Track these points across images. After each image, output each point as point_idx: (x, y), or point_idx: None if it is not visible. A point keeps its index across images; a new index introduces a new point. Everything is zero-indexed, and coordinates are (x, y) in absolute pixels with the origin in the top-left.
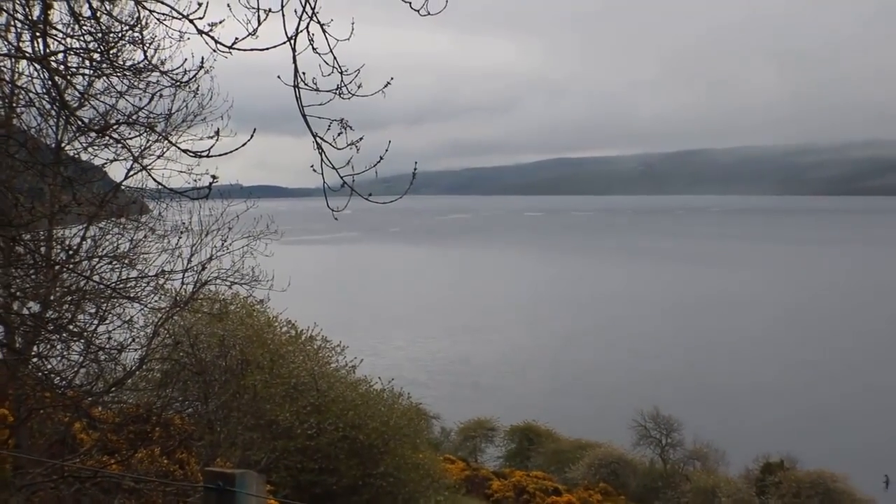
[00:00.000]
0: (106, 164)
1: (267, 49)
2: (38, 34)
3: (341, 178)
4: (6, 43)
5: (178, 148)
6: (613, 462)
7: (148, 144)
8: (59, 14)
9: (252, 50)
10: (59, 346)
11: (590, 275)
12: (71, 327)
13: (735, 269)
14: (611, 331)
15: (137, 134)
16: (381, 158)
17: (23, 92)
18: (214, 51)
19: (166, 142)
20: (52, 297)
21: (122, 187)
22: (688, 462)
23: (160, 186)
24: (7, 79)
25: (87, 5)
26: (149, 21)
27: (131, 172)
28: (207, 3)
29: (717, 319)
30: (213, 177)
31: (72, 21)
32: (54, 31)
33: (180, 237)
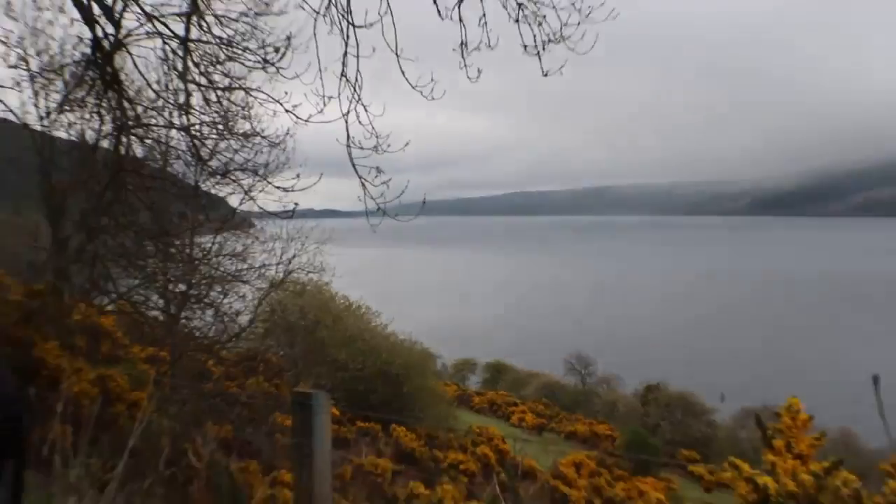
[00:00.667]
0: (227, 196)
1: (329, 122)
2: (183, 112)
3: (377, 204)
4: (163, 118)
5: (273, 185)
6: (551, 385)
7: (253, 183)
8: (196, 99)
9: (320, 122)
10: (198, 312)
11: (538, 265)
12: (205, 300)
13: (627, 261)
14: (550, 301)
15: (247, 177)
16: (403, 192)
17: (173, 150)
18: (296, 123)
19: (265, 182)
20: (193, 281)
21: (237, 211)
22: (598, 385)
23: (261, 210)
24: (163, 141)
25: (214, 94)
26: (253, 104)
27: (243, 201)
28: (291, 92)
29: (617, 292)
30: (296, 204)
31: (205, 104)
32: (193, 111)
33: (274, 242)
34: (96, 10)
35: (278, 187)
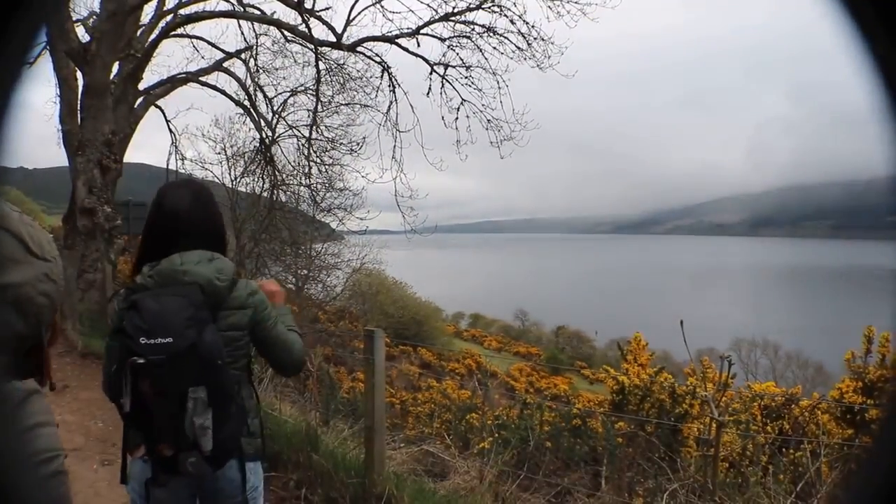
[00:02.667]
0: (330, 221)
1: (385, 182)
2: (306, 177)
3: (412, 228)
4: (296, 180)
5: (355, 217)
6: (506, 326)
7: (344, 215)
8: (314, 170)
9: (379, 181)
10: (313, 286)
11: (499, 260)
12: (317, 279)
13: (545, 259)
14: (504, 276)
15: (342, 212)
16: (425, 220)
17: (301, 198)
18: (368, 182)
19: (351, 214)
20: (310, 269)
21: (335, 230)
22: (531, 325)
23: (347, 230)
24: (296, 193)
25: (324, 167)
26: (344, 172)
27: (338, 225)
28: (365, 166)
29: (538, 273)
30: (367, 227)
31: (319, 173)
32: (312, 176)
33: (354, 248)
34: (262, 123)
35: (357, 218)
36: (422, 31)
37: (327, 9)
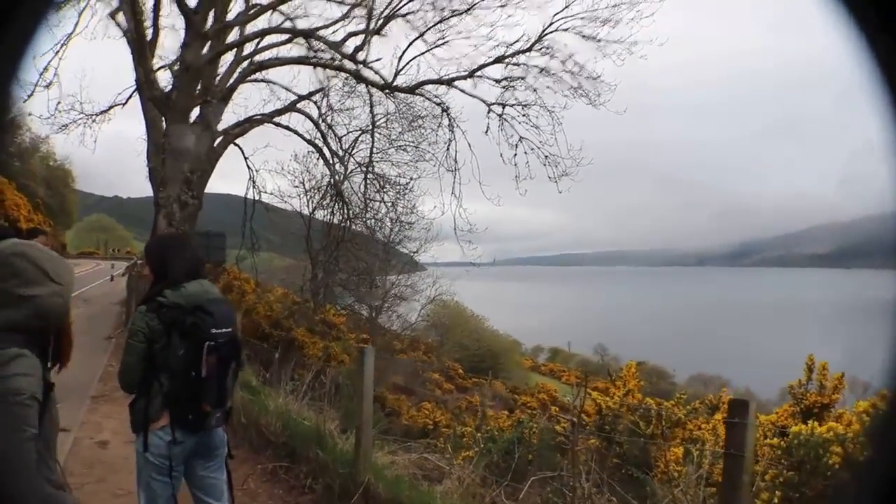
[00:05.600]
0: (406, 252)
1: (435, 217)
2: (369, 214)
3: (472, 262)
4: (369, 217)
5: (413, 255)
6: (585, 360)
7: (415, 250)
8: (382, 207)
9: (441, 215)
10: (387, 316)
11: (581, 293)
12: (391, 309)
13: (628, 293)
14: (589, 312)
15: (415, 247)
16: (481, 254)
17: (374, 231)
18: (432, 221)
19: (423, 248)
20: (385, 301)
21: (411, 260)
22: (610, 360)
23: (420, 264)
24: (370, 227)
25: (391, 206)
26: (410, 208)
27: (412, 256)
28: (423, 203)
29: (622, 308)
30: (434, 262)
31: (386, 211)
32: (382, 212)
33: (427, 280)
34: (334, 160)
35: (415, 252)
36: (476, 74)
37: (377, 60)
